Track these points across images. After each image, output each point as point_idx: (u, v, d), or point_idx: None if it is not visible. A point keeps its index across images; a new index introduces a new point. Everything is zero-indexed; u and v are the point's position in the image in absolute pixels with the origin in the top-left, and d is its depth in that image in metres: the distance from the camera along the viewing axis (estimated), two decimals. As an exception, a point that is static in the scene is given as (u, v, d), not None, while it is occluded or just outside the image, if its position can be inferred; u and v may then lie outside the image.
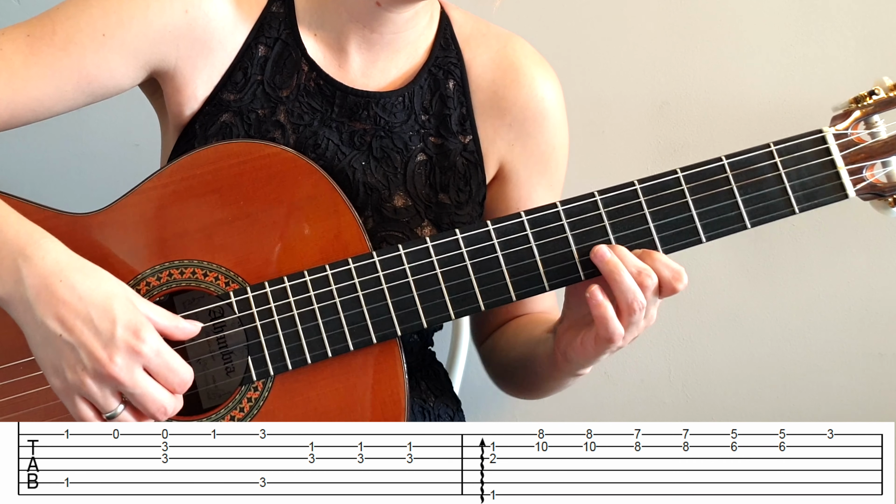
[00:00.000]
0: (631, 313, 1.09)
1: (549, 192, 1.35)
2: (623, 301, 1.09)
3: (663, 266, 1.10)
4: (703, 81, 1.82)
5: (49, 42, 1.19)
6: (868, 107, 1.15)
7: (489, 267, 1.14)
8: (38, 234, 1.09)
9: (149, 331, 1.06)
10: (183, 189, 1.17)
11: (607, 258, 1.10)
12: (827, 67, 1.79)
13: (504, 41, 1.34)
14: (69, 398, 1.07)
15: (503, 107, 1.32)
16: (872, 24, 1.78)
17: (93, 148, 1.88)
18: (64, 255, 1.08)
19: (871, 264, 1.82)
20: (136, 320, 1.06)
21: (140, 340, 1.05)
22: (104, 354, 1.04)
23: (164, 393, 1.08)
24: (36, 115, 1.21)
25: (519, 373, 1.34)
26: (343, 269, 1.15)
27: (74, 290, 1.06)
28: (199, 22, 1.23)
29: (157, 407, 1.07)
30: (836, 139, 1.14)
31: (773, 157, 1.14)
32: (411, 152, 1.28)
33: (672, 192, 1.14)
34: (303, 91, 1.27)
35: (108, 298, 1.06)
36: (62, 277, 1.06)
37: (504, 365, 1.37)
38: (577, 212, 1.14)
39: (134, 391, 1.06)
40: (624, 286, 1.08)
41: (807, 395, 1.87)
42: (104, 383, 1.06)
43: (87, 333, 1.05)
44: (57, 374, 1.07)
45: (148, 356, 1.06)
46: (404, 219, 1.27)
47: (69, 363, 1.06)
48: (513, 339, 1.35)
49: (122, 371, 1.05)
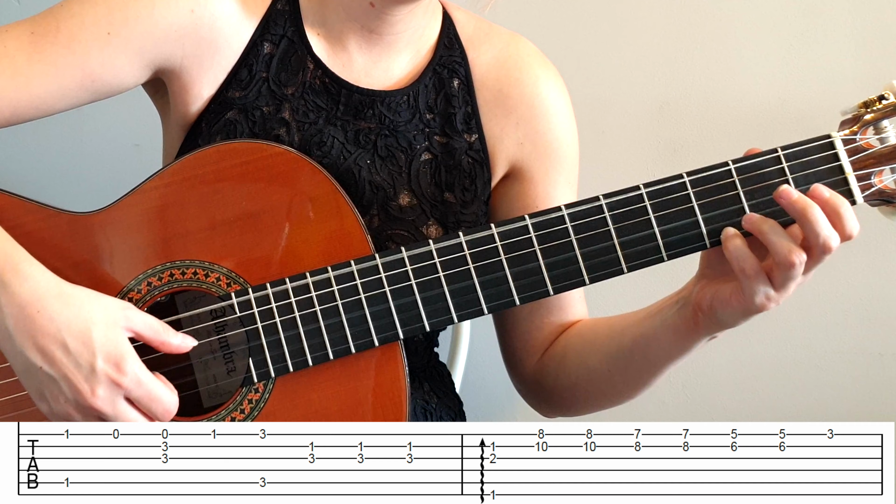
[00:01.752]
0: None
1: (569, 188, 1.34)
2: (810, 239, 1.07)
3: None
4: (703, 81, 1.82)
5: (53, 40, 1.19)
6: (878, 111, 1.13)
7: (492, 270, 1.14)
8: (17, 257, 1.08)
9: (130, 361, 1.06)
10: (185, 189, 1.17)
11: (794, 197, 1.08)
12: (827, 67, 1.79)
13: (507, 40, 1.34)
14: (58, 421, 1.08)
15: (508, 105, 1.32)
16: (872, 24, 1.78)
17: (93, 148, 1.88)
18: (43, 280, 1.07)
19: (871, 264, 1.82)
20: (117, 351, 1.06)
21: (121, 373, 1.05)
22: (86, 388, 1.04)
23: (146, 423, 1.08)
24: (38, 112, 1.21)
25: (605, 377, 1.28)
26: (345, 270, 1.14)
27: (53, 320, 1.05)
28: (204, 21, 1.23)
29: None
30: (844, 144, 1.12)
31: (781, 163, 1.12)
32: (416, 151, 1.28)
33: (678, 197, 1.13)
34: (308, 89, 1.27)
35: (88, 327, 1.05)
36: (40, 308, 1.05)
37: (578, 377, 1.31)
38: (581, 216, 1.13)
39: (117, 422, 1.06)
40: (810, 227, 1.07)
41: (807, 395, 1.87)
42: (87, 414, 1.06)
43: (69, 366, 1.05)
44: (43, 401, 1.07)
45: (128, 387, 1.06)
46: (410, 217, 1.26)
47: (52, 394, 1.06)
48: (590, 342, 1.30)
49: (105, 403, 1.05)
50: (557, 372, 1.33)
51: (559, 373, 1.33)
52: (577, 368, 1.30)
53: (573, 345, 1.32)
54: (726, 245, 1.09)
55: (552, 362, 1.34)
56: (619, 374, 1.26)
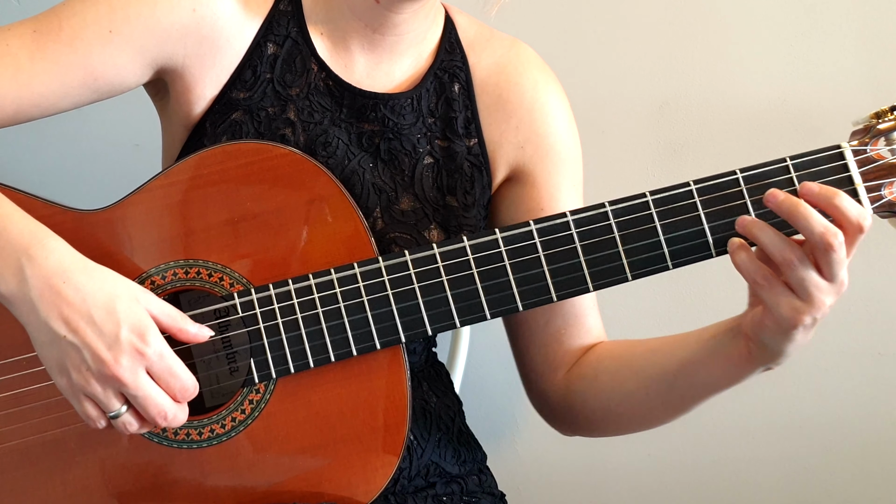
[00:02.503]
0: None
1: (574, 191, 1.34)
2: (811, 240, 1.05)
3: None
4: (703, 81, 1.82)
5: (55, 38, 1.19)
6: (889, 123, 1.12)
7: (496, 276, 1.14)
8: (41, 232, 1.09)
9: (153, 333, 1.06)
10: (190, 188, 1.17)
11: (780, 198, 1.06)
12: (827, 67, 1.79)
13: (508, 45, 1.35)
14: (74, 397, 1.07)
15: (508, 109, 1.32)
16: (872, 24, 1.78)
17: (93, 148, 1.88)
18: (68, 254, 1.08)
19: (870, 264, 1.82)
20: (141, 322, 1.06)
21: (144, 343, 1.05)
22: (109, 356, 1.04)
23: (165, 398, 1.07)
24: (41, 110, 1.21)
25: (642, 400, 1.25)
26: (348, 273, 1.14)
27: (78, 290, 1.05)
28: (206, 20, 1.23)
29: (157, 411, 1.07)
30: (854, 155, 1.11)
31: (789, 172, 1.11)
32: (419, 155, 1.28)
33: (684, 205, 1.12)
34: (313, 90, 1.27)
35: (112, 299, 1.06)
36: (66, 278, 1.06)
37: (611, 399, 1.28)
38: (586, 222, 1.13)
39: (136, 393, 1.06)
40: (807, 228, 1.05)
41: (806, 395, 1.87)
42: (108, 384, 1.06)
43: (92, 335, 1.05)
44: (62, 374, 1.07)
45: (151, 358, 1.06)
46: (412, 221, 1.26)
47: (74, 364, 1.05)
48: (627, 364, 1.27)
49: (126, 372, 1.05)
50: (587, 393, 1.31)
51: (589, 394, 1.31)
52: (612, 391, 1.28)
53: (606, 366, 1.30)
54: (732, 257, 1.08)
55: (582, 382, 1.32)
56: (659, 398, 1.24)
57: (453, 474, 1.31)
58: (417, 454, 1.27)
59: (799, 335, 1.09)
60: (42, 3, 1.23)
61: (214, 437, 1.16)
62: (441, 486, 1.28)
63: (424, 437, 1.28)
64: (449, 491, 1.29)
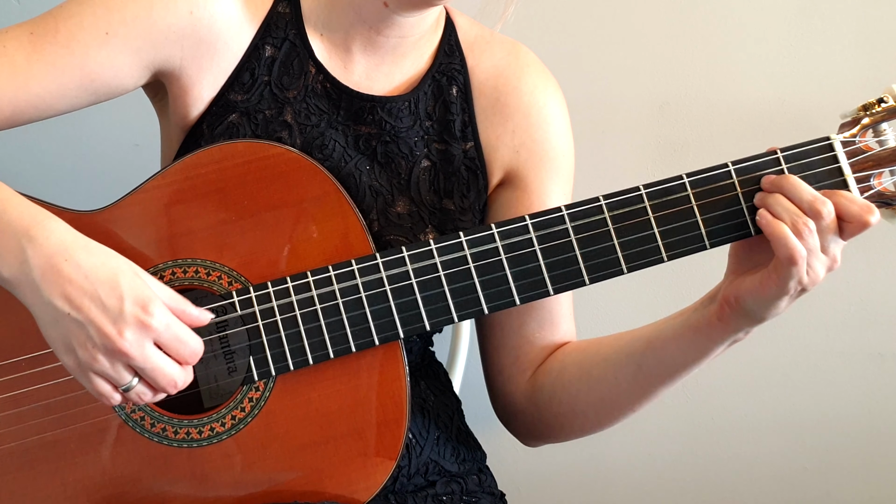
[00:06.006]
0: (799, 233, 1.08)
1: (564, 199, 1.34)
2: (789, 221, 1.09)
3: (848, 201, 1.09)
4: (703, 81, 1.82)
5: (52, 40, 1.19)
6: (877, 114, 1.14)
7: (492, 270, 1.14)
8: (41, 215, 1.09)
9: (157, 305, 1.06)
10: (187, 188, 1.17)
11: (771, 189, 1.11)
12: (827, 67, 1.79)
13: (508, 48, 1.35)
14: (84, 375, 1.07)
15: (506, 113, 1.32)
16: (872, 24, 1.78)
17: (93, 148, 1.88)
18: (68, 234, 1.08)
19: (870, 264, 1.82)
20: (144, 295, 1.06)
21: (149, 314, 1.05)
22: (113, 330, 1.04)
23: (174, 366, 1.08)
24: (38, 112, 1.21)
25: (610, 385, 1.26)
26: (346, 269, 1.15)
27: (80, 268, 1.05)
28: (203, 23, 1.23)
29: (167, 381, 1.07)
30: (843, 146, 1.13)
31: (780, 164, 1.13)
32: (416, 158, 1.28)
33: (677, 198, 1.13)
34: (310, 92, 1.27)
35: (115, 275, 1.06)
36: (67, 256, 1.06)
37: (579, 389, 1.28)
38: (581, 216, 1.14)
39: (144, 365, 1.06)
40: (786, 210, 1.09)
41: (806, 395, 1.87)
42: (115, 359, 1.06)
43: (95, 310, 1.05)
44: (69, 353, 1.07)
45: (158, 330, 1.06)
46: (408, 224, 1.26)
47: (79, 341, 1.05)
48: (594, 352, 1.28)
49: (133, 346, 1.05)
50: (555, 386, 1.31)
51: (557, 387, 1.31)
52: (579, 380, 1.29)
53: (574, 358, 1.30)
54: (770, 229, 1.09)
55: (549, 377, 1.32)
56: (626, 382, 1.25)
57: (453, 473, 1.31)
58: (416, 452, 1.27)
59: (784, 303, 1.12)
60: (43, 3, 1.24)
61: (214, 436, 1.16)
62: (441, 485, 1.28)
63: (423, 436, 1.28)
64: (449, 490, 1.29)
